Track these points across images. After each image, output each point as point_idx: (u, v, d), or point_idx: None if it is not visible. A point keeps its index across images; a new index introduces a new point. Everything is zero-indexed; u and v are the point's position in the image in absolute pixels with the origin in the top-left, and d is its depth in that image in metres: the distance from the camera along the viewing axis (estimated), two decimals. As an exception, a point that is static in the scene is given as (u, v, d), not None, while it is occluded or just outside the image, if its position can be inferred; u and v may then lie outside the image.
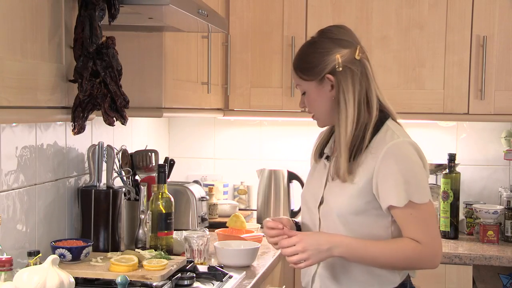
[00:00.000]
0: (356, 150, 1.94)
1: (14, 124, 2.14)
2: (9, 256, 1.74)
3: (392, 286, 1.98)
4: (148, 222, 2.54)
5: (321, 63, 1.96)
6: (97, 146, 2.54)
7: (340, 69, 1.94)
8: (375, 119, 1.96)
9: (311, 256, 1.89)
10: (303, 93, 2.06)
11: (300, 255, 1.89)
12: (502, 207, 3.14)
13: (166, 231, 2.51)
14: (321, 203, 2.02)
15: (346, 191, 1.95)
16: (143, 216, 2.56)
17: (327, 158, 2.08)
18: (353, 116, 1.94)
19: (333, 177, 1.99)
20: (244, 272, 2.36)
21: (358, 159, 1.94)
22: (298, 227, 2.14)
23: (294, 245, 1.90)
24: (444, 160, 3.24)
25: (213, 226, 3.11)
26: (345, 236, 1.93)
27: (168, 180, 2.69)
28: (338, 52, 1.95)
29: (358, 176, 1.93)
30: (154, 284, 2.04)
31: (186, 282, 2.16)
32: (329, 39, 1.98)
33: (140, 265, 2.14)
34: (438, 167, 3.28)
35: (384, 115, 2.00)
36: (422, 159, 1.96)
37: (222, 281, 2.22)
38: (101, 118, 1.85)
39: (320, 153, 2.12)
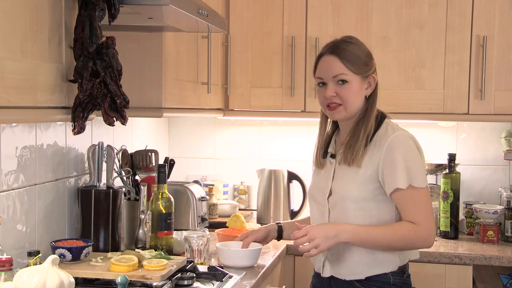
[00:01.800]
0: (367, 140, 2.21)
1: (14, 124, 2.14)
2: (9, 256, 1.74)
3: (392, 269, 2.20)
4: (148, 222, 2.55)
5: (369, 63, 2.27)
6: (97, 146, 2.54)
7: (375, 73, 2.28)
8: (375, 116, 2.25)
9: (321, 242, 2.12)
10: (342, 82, 2.21)
11: (311, 243, 2.12)
12: (502, 207, 3.14)
13: (166, 231, 2.52)
14: (330, 195, 2.24)
15: (356, 180, 2.19)
16: (143, 216, 2.56)
17: (332, 156, 2.30)
18: (376, 112, 2.25)
19: (342, 162, 2.22)
20: (244, 272, 2.36)
21: (364, 151, 2.20)
22: (280, 228, 2.49)
23: (306, 235, 2.13)
24: (444, 160, 3.24)
25: (213, 226, 3.11)
26: (348, 223, 2.18)
27: (168, 180, 2.69)
28: (373, 59, 2.30)
29: (365, 165, 2.18)
30: (154, 284, 2.04)
31: (186, 282, 2.16)
32: (365, 46, 2.30)
33: (140, 265, 2.14)
34: (438, 167, 3.28)
35: (382, 114, 2.28)
36: (419, 150, 2.22)
37: (222, 281, 2.22)
38: (101, 118, 1.85)
39: (324, 153, 2.33)
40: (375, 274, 2.19)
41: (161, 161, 2.85)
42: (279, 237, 2.50)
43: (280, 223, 2.52)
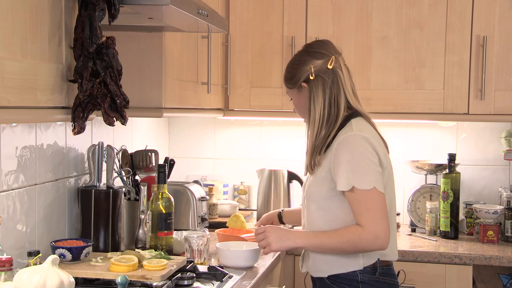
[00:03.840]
0: (323, 145, 2.22)
1: (14, 124, 2.14)
2: (9, 256, 1.74)
3: (356, 269, 2.21)
4: (148, 222, 2.54)
5: (297, 73, 2.27)
6: (97, 146, 2.55)
7: (312, 78, 2.23)
8: (341, 118, 2.23)
9: (272, 242, 2.24)
10: (291, 99, 2.37)
11: (265, 240, 2.26)
12: (502, 207, 3.14)
13: (166, 231, 2.51)
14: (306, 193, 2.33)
15: (317, 181, 2.24)
16: (143, 216, 2.56)
17: None
18: (320, 118, 2.23)
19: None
20: (244, 272, 2.36)
21: (325, 153, 2.22)
22: (279, 215, 2.70)
23: (263, 232, 2.27)
24: (444, 160, 3.24)
25: (213, 226, 3.11)
26: (304, 230, 2.32)
27: (168, 180, 2.69)
28: (311, 63, 2.24)
29: (321, 167, 2.22)
30: (154, 284, 2.04)
31: (186, 282, 2.16)
32: (307, 52, 2.29)
33: (140, 265, 2.14)
34: (438, 167, 3.28)
35: (351, 115, 2.25)
36: (375, 150, 2.16)
37: (222, 281, 2.22)
38: (101, 118, 1.86)
39: None
40: (338, 274, 2.21)
41: (161, 161, 2.85)
42: (281, 222, 2.71)
43: (282, 210, 2.71)
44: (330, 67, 2.22)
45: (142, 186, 2.58)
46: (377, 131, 2.27)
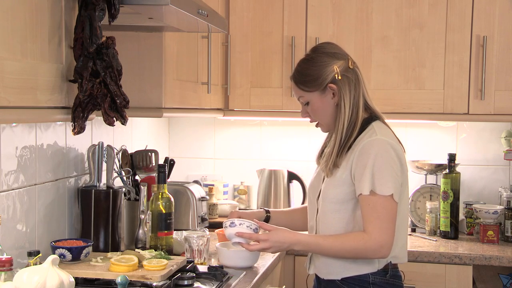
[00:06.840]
0: (344, 146, 2.20)
1: (14, 124, 2.14)
2: (9, 256, 1.74)
3: (370, 271, 2.19)
4: (148, 222, 2.55)
5: (322, 75, 2.21)
6: (97, 146, 2.55)
7: (339, 77, 2.20)
8: (361, 119, 2.22)
9: (271, 247, 2.21)
10: (306, 104, 2.29)
11: (261, 244, 2.21)
12: (502, 207, 3.14)
13: (166, 231, 2.52)
14: (319, 195, 2.27)
15: (335, 183, 2.21)
16: (143, 216, 2.56)
17: None
18: (348, 118, 2.20)
19: (322, 169, 2.26)
20: (244, 272, 2.36)
21: (345, 155, 2.19)
22: (268, 217, 2.48)
23: (266, 240, 2.20)
24: (444, 160, 3.24)
25: (213, 226, 3.11)
26: (303, 234, 2.25)
27: (168, 180, 2.69)
28: (335, 64, 2.21)
29: (342, 169, 2.19)
30: (154, 284, 2.04)
31: (186, 282, 2.16)
32: (324, 53, 2.24)
33: (140, 265, 2.14)
34: (438, 167, 3.28)
35: (371, 117, 2.25)
36: (398, 157, 2.16)
37: (222, 281, 2.22)
38: (101, 118, 1.85)
39: (321, 154, 2.35)
40: (351, 276, 2.20)
41: (161, 161, 2.85)
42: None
43: (269, 212, 2.51)
44: (351, 67, 2.22)
45: (142, 186, 2.59)
46: (393, 132, 2.26)
